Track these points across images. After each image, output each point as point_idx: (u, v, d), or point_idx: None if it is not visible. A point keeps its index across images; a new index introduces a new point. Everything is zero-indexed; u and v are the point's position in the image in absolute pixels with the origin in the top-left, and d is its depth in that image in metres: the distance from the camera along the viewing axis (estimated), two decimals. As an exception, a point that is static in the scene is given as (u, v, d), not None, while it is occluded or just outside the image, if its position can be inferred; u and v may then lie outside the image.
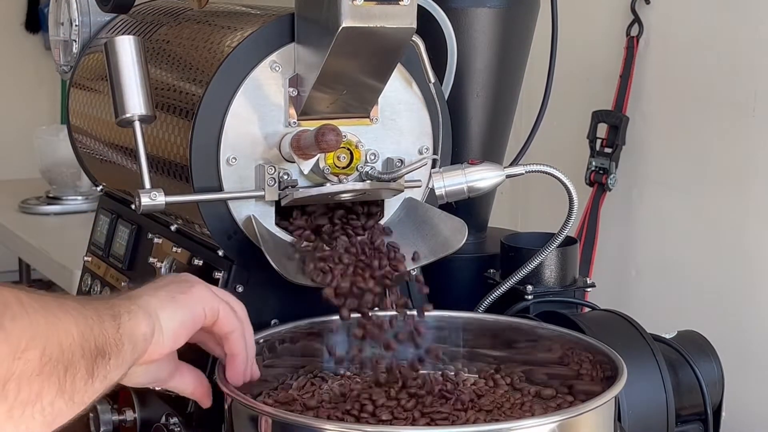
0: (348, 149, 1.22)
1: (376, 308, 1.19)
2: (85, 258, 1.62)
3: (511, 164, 1.39)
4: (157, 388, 1.14)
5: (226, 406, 1.09)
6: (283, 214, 1.23)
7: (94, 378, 0.88)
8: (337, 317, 1.20)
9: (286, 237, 1.23)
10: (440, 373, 1.25)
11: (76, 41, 1.61)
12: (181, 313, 1.02)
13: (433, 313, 1.27)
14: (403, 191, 1.25)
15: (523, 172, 1.28)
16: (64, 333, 0.85)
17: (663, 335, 1.33)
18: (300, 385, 1.22)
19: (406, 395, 1.16)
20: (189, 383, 1.10)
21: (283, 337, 1.23)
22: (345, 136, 1.19)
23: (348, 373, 1.25)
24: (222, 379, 1.09)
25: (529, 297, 1.36)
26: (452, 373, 1.25)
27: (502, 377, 1.24)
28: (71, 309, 0.88)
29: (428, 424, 1.10)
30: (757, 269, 1.90)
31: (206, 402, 1.11)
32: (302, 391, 1.21)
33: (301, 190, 1.19)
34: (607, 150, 2.15)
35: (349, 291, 1.18)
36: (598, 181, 2.15)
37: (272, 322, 1.25)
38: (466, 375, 1.26)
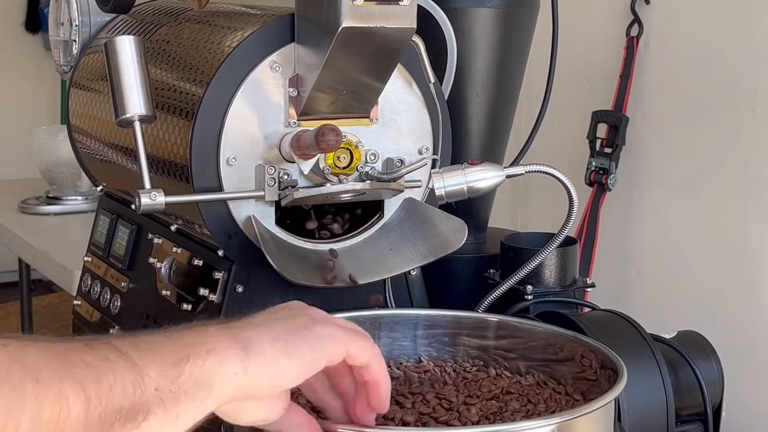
0: (348, 149, 1.22)
1: None
2: (85, 258, 1.62)
3: (511, 164, 1.39)
4: None
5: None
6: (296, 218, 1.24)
7: None
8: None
9: (286, 237, 1.23)
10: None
11: (76, 41, 1.61)
12: (299, 353, 0.88)
13: (430, 312, 1.27)
14: (403, 191, 1.25)
15: (523, 172, 1.28)
16: (51, 404, 0.73)
17: (663, 335, 1.33)
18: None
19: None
20: (300, 424, 0.94)
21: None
22: (345, 136, 1.19)
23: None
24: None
25: (529, 297, 1.36)
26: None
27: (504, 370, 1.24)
28: (81, 369, 0.75)
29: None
30: (757, 269, 1.90)
31: None
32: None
33: (301, 190, 1.19)
34: (607, 150, 2.15)
35: None
36: (598, 181, 2.15)
37: (272, 322, 1.25)
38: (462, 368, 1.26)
